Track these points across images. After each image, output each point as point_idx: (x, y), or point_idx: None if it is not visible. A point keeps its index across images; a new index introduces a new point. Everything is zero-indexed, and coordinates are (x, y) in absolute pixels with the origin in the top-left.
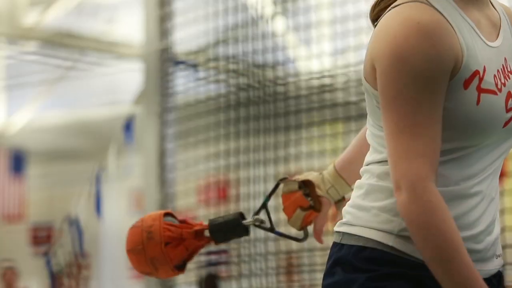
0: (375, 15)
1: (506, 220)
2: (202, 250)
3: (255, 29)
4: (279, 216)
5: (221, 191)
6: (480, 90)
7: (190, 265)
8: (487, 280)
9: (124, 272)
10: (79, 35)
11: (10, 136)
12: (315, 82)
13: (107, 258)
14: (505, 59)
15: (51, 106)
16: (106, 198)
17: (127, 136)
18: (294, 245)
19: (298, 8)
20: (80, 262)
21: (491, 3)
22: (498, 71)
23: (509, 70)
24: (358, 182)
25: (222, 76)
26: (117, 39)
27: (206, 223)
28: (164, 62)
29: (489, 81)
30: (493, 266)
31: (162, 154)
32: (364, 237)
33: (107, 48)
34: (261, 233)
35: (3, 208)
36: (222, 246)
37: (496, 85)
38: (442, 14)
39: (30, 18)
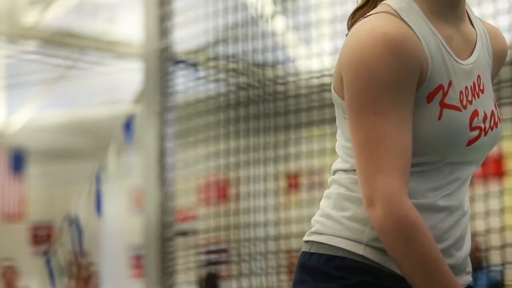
0: (351, 27)
1: (506, 220)
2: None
3: (255, 28)
4: (279, 216)
5: (221, 190)
6: (443, 105)
7: (191, 264)
8: None
9: (124, 271)
10: (79, 35)
11: (10, 135)
12: (315, 81)
13: (107, 258)
14: (478, 77)
15: (51, 105)
16: (106, 197)
17: (127, 135)
18: (294, 244)
19: (298, 7)
20: (80, 261)
21: (470, 21)
22: (466, 88)
23: (480, 88)
24: (326, 192)
25: (222, 75)
26: (117, 39)
27: (205, 222)
28: (164, 61)
29: (453, 96)
30: (463, 281)
31: (162, 153)
32: (334, 246)
33: (107, 48)
34: (261, 232)
35: (3, 207)
36: (222, 245)
37: (461, 101)
38: (410, 26)
39: (30, 18)
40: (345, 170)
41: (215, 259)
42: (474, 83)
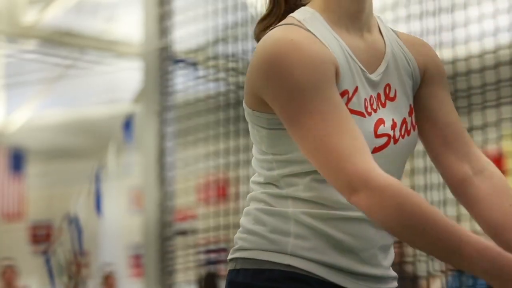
0: (258, 39)
1: None
2: (202, 249)
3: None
4: None
5: (221, 189)
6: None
7: (190, 263)
8: None
9: (123, 270)
10: (78, 34)
11: (9, 134)
12: None
13: (107, 257)
14: (386, 86)
15: (50, 105)
16: (106, 197)
17: (126, 135)
18: None
19: None
20: (79, 261)
21: (380, 31)
22: (371, 96)
23: (390, 97)
24: (245, 209)
25: (221, 75)
26: (116, 38)
27: (205, 221)
28: (163, 60)
29: (357, 102)
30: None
31: (161, 153)
32: (259, 259)
33: (106, 47)
34: None
35: (3, 206)
36: (222, 244)
37: (366, 108)
38: (314, 35)
39: (30, 17)
40: (260, 183)
41: (215, 259)
42: (379, 94)
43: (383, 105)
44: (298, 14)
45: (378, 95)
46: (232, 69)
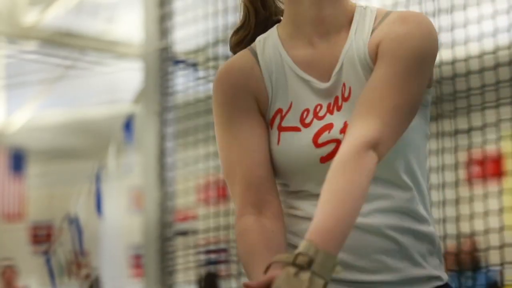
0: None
1: (505, 219)
2: (202, 249)
3: None
4: None
5: (221, 190)
6: (280, 128)
7: (190, 263)
8: None
9: (123, 271)
10: (78, 34)
11: (9, 135)
12: None
13: (108, 257)
14: (342, 87)
15: (50, 105)
16: (106, 197)
17: (126, 135)
18: None
19: None
20: (80, 261)
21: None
22: (319, 105)
23: (345, 97)
24: None
25: None
26: (116, 38)
27: (205, 221)
28: (163, 61)
29: (292, 117)
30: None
31: (161, 153)
32: None
33: (106, 47)
34: None
35: (3, 207)
36: (222, 244)
37: (303, 120)
38: (257, 58)
39: (30, 17)
40: None
41: (215, 259)
42: (336, 97)
43: (339, 108)
44: (265, 33)
45: (336, 98)
46: None
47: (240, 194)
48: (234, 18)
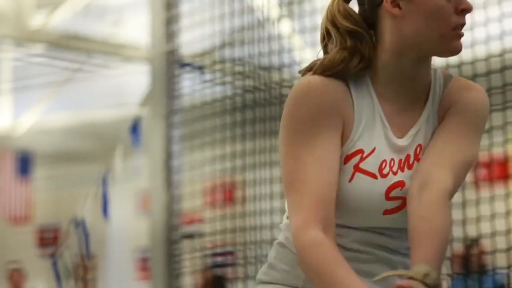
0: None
1: (511, 223)
2: (209, 252)
3: (261, 31)
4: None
5: (227, 193)
6: (356, 168)
7: (197, 266)
8: None
9: (130, 274)
10: (85, 37)
11: (16, 138)
12: None
13: (114, 260)
14: (417, 147)
15: (57, 108)
16: (113, 200)
17: (133, 138)
18: None
19: (304, 11)
20: (86, 264)
21: (429, 89)
22: (393, 159)
23: (419, 158)
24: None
25: (228, 78)
26: (123, 41)
27: (211, 224)
28: (170, 64)
29: (372, 163)
30: None
31: (168, 156)
32: None
33: (113, 50)
34: (267, 235)
35: (10, 210)
36: (228, 247)
37: (381, 169)
38: (350, 90)
39: (37, 21)
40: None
41: (221, 262)
42: (408, 155)
43: (410, 167)
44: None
45: (407, 156)
46: (239, 73)
47: (310, 208)
48: (240, 21)
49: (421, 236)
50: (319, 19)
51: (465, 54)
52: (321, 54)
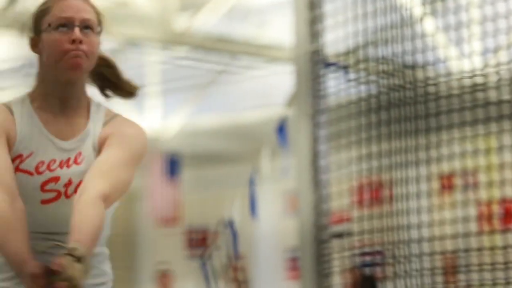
0: None
1: None
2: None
3: (405, 29)
4: (432, 217)
5: (374, 192)
6: (17, 169)
7: (346, 266)
8: None
9: (280, 274)
10: (230, 39)
11: (165, 140)
12: (467, 82)
13: (263, 260)
14: (78, 154)
15: (203, 110)
16: (261, 200)
17: (280, 139)
18: (448, 245)
19: (448, 8)
20: (235, 265)
21: (89, 113)
22: (53, 160)
23: (77, 162)
24: None
25: (372, 77)
26: (267, 42)
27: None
28: (314, 64)
29: (29, 163)
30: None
31: (315, 156)
32: None
33: (258, 52)
34: (415, 233)
35: (160, 211)
36: (377, 247)
37: (37, 168)
38: (12, 110)
39: (181, 23)
40: None
41: (371, 261)
42: (69, 158)
43: (68, 166)
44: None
45: (68, 158)
46: (383, 72)
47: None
48: (384, 19)
49: (75, 225)
50: (463, 16)
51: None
52: None
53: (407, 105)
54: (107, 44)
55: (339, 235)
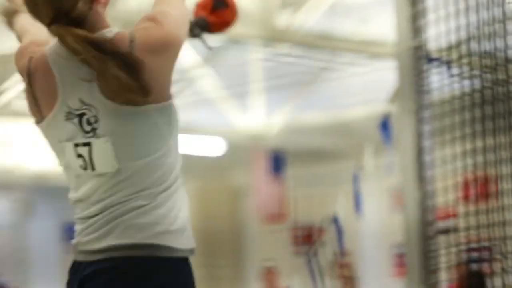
0: None
1: None
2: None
3: (508, 24)
4: None
5: (480, 187)
6: None
7: (452, 262)
8: None
9: (386, 270)
10: (332, 36)
11: (269, 137)
12: None
13: (369, 256)
14: None
15: (307, 107)
16: (366, 197)
17: (384, 135)
18: None
19: None
20: (341, 261)
21: None
22: None
23: None
24: None
25: (476, 72)
26: (370, 39)
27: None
28: (417, 59)
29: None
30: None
31: (419, 152)
32: None
33: (360, 48)
34: None
35: (265, 208)
36: (484, 243)
37: None
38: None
39: (283, 21)
40: None
41: (478, 257)
42: None
43: None
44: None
45: None
46: (486, 67)
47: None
48: (485, 14)
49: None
50: None
51: None
52: None
53: (511, 99)
54: (211, 43)
55: (445, 231)
